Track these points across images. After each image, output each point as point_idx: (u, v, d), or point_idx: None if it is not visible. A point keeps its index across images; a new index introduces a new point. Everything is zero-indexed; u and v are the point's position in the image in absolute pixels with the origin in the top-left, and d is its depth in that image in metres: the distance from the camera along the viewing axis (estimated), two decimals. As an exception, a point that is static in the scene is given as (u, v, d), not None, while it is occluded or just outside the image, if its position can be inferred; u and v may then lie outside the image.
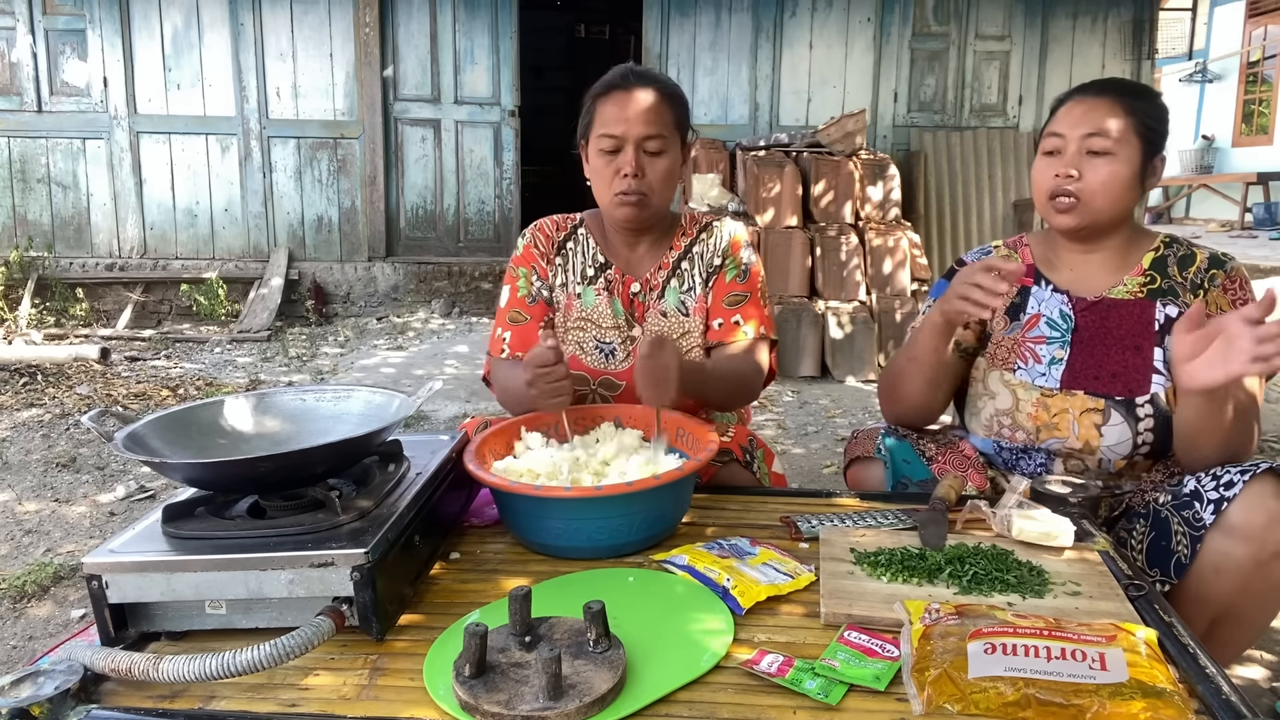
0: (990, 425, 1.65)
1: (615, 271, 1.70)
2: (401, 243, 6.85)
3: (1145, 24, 6.82)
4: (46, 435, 3.67)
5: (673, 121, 1.59)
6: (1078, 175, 1.50)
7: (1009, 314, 1.66)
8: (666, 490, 1.23)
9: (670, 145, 1.58)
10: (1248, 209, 10.84)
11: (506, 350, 1.69)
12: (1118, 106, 1.50)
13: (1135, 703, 0.84)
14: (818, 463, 3.47)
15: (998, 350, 1.65)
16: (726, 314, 1.68)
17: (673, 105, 1.59)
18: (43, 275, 6.32)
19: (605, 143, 1.56)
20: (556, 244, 1.73)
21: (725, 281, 1.69)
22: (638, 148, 1.55)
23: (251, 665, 0.88)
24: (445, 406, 4.08)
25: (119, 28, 6.34)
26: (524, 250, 1.73)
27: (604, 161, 1.57)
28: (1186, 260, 1.58)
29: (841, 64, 6.70)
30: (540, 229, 1.74)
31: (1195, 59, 11.93)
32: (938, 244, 6.46)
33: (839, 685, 0.92)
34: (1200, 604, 1.34)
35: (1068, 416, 1.55)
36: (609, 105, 1.56)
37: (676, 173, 1.62)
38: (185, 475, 1.12)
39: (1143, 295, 1.57)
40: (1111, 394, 1.54)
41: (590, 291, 1.70)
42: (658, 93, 1.57)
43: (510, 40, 6.64)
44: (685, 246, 1.71)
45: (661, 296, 1.70)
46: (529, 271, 1.71)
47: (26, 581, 2.37)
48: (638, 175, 1.55)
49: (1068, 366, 1.58)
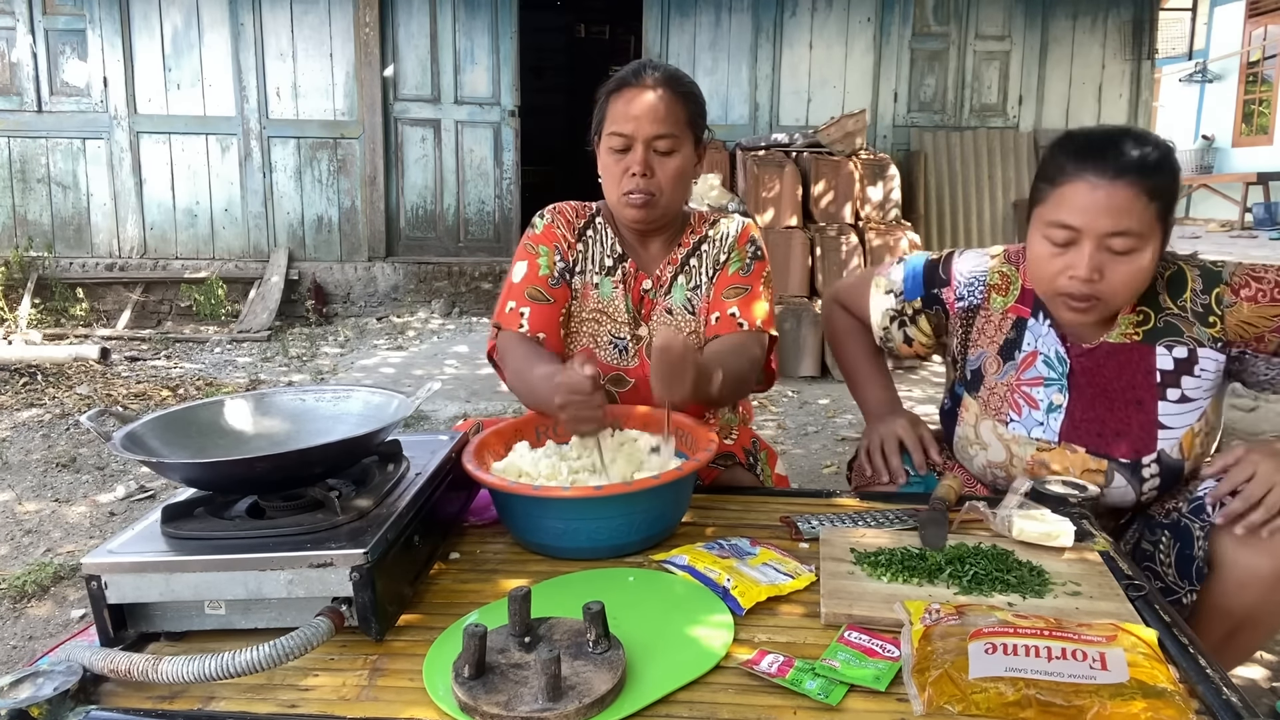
0: (983, 474, 1.57)
1: (631, 265, 1.65)
2: (401, 243, 6.84)
3: (1145, 24, 6.82)
4: (46, 435, 3.67)
5: (685, 120, 1.54)
6: (1099, 278, 1.32)
7: (1002, 354, 1.52)
8: (666, 490, 1.23)
9: (682, 145, 1.54)
10: (1248, 209, 10.84)
11: (526, 326, 1.57)
12: (1140, 194, 1.28)
13: (1136, 703, 0.84)
14: (817, 463, 3.47)
15: (990, 398, 1.52)
16: (723, 306, 1.61)
17: (686, 103, 1.55)
18: (43, 275, 6.32)
19: (615, 141, 1.53)
20: (578, 230, 1.66)
21: (728, 274, 1.64)
22: (647, 147, 1.51)
23: (251, 666, 0.88)
24: (445, 406, 4.08)
25: (119, 28, 6.34)
26: (544, 229, 1.64)
27: (613, 160, 1.54)
28: (1176, 283, 1.43)
29: (841, 64, 6.70)
30: (560, 212, 1.66)
31: (1195, 59, 11.93)
32: (938, 244, 6.45)
33: (839, 685, 0.91)
34: (1222, 614, 1.33)
35: (1067, 474, 1.46)
36: (620, 102, 1.53)
37: (689, 173, 1.58)
38: (184, 475, 1.12)
39: (1138, 338, 1.43)
40: (1115, 455, 1.44)
41: (608, 283, 1.64)
42: (671, 90, 1.53)
43: (510, 40, 6.63)
44: (694, 244, 1.67)
45: (669, 293, 1.65)
46: (551, 250, 1.62)
47: (26, 581, 2.37)
48: (646, 175, 1.51)
49: (1067, 416, 1.46)
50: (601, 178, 1.59)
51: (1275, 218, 10.36)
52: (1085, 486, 1.38)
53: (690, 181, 1.61)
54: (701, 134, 1.60)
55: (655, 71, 1.54)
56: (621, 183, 1.53)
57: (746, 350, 1.56)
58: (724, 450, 1.63)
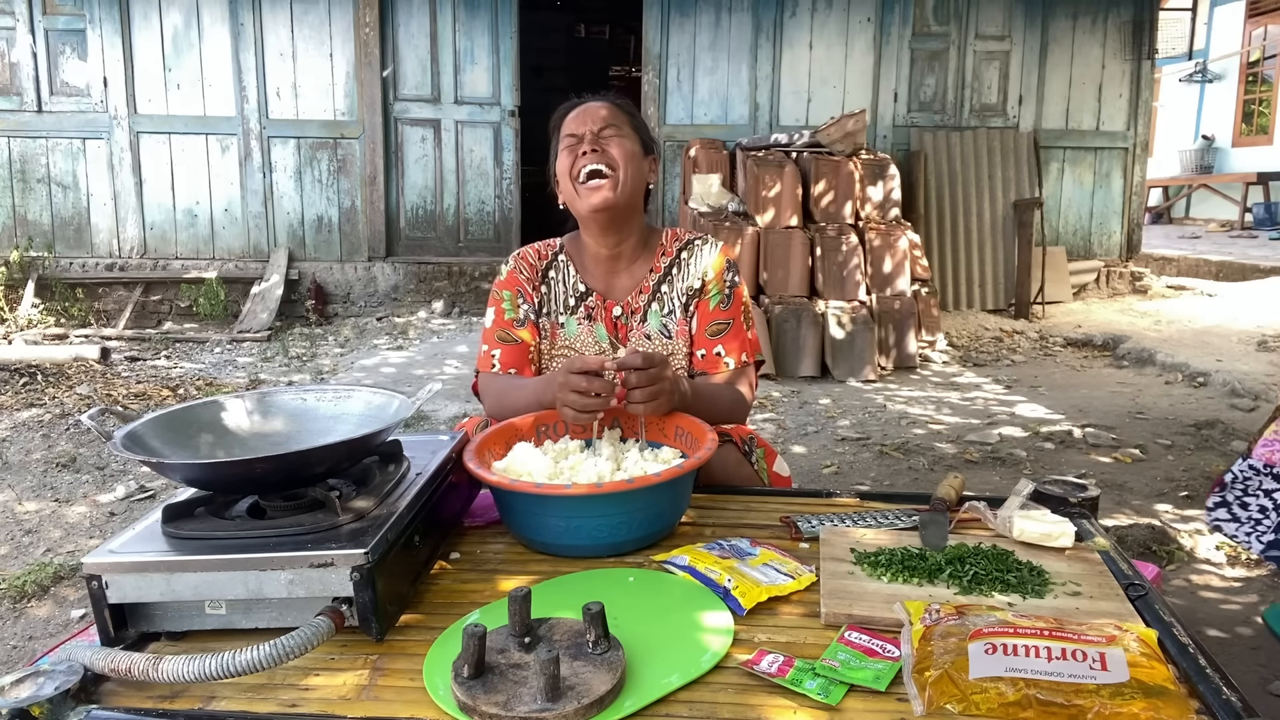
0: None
1: (596, 298, 1.72)
2: (401, 243, 6.85)
3: (1145, 24, 6.82)
4: (46, 435, 3.67)
5: (630, 125, 1.66)
6: None
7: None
8: (666, 488, 1.23)
9: (629, 137, 1.64)
10: (1248, 209, 10.85)
11: (497, 366, 1.70)
12: None
13: (1136, 703, 0.84)
14: (817, 463, 3.47)
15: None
16: (709, 344, 1.69)
17: (629, 112, 1.69)
18: (43, 275, 6.32)
19: (567, 141, 1.63)
20: (540, 271, 1.75)
21: (709, 309, 1.70)
22: (596, 135, 1.61)
23: (251, 665, 0.88)
24: (445, 406, 4.08)
25: (119, 28, 6.34)
26: (508, 275, 1.75)
27: (567, 155, 1.63)
28: None
29: (841, 64, 6.70)
30: (523, 257, 1.77)
31: (1195, 59, 11.92)
32: (938, 244, 6.46)
33: (839, 685, 0.91)
34: None
35: None
36: (568, 118, 1.66)
37: (642, 168, 1.66)
38: (184, 475, 1.12)
39: None
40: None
41: (572, 321, 1.73)
42: (612, 101, 1.68)
43: (510, 40, 6.64)
44: (665, 268, 1.73)
45: (644, 320, 1.72)
46: (514, 295, 1.73)
47: (26, 581, 2.37)
48: (598, 151, 1.59)
49: None
50: (560, 187, 1.67)
51: (1275, 218, 10.37)
52: (1085, 486, 1.38)
53: (645, 180, 1.69)
54: (650, 146, 1.70)
55: (596, 94, 1.70)
56: (575, 166, 1.61)
57: (734, 385, 1.68)
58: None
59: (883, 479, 3.30)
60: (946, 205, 6.49)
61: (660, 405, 1.40)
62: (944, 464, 3.43)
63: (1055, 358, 5.40)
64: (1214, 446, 3.58)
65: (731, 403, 1.67)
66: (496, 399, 1.67)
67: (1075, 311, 6.54)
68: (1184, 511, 2.96)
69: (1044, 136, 6.79)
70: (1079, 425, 3.88)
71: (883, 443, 3.69)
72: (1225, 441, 3.64)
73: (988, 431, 3.84)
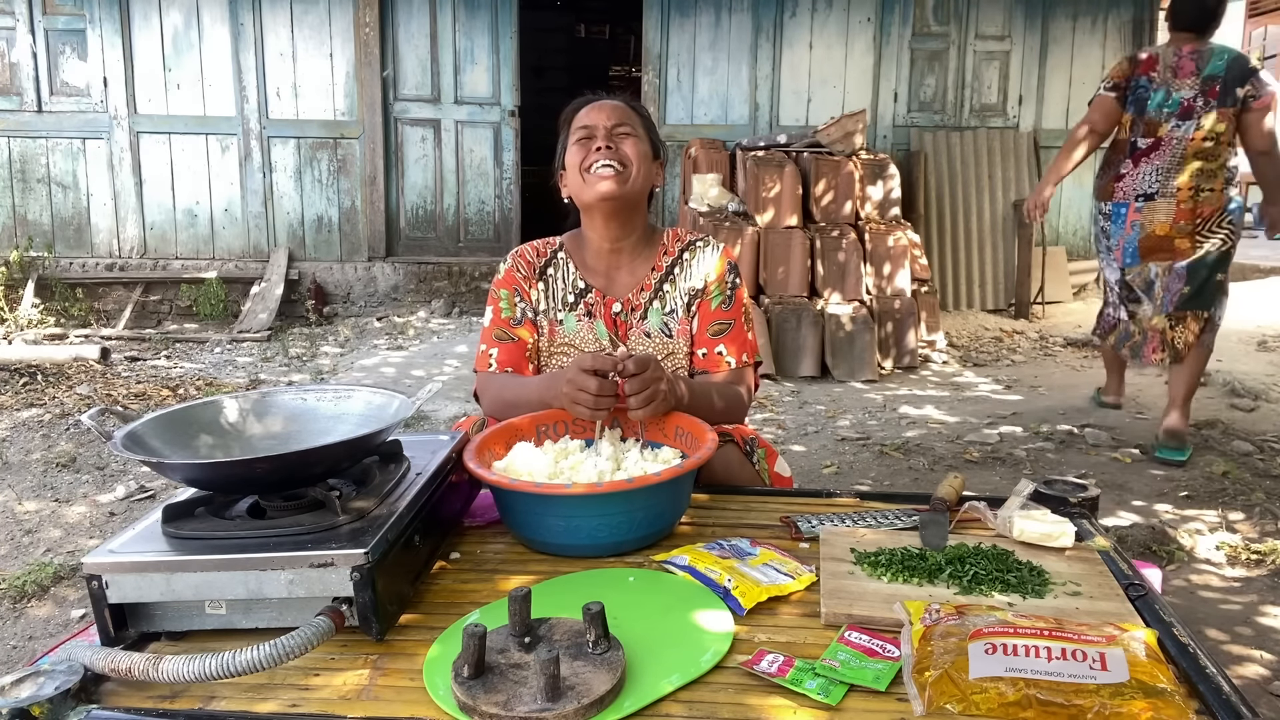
0: None
1: (595, 295, 1.72)
2: (401, 243, 6.85)
3: (1145, 24, 6.82)
4: (46, 435, 3.67)
5: (641, 125, 1.68)
6: None
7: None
8: (666, 487, 1.23)
9: (641, 138, 1.66)
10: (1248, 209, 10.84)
11: (495, 365, 1.71)
12: None
13: (1136, 703, 0.84)
14: (817, 463, 3.47)
15: None
16: (710, 344, 1.70)
17: (640, 113, 1.71)
18: (43, 275, 6.32)
19: (579, 134, 1.65)
20: (538, 269, 1.75)
21: (710, 309, 1.71)
22: (609, 132, 1.64)
23: (251, 665, 0.88)
24: (445, 406, 4.08)
25: (119, 28, 6.34)
26: (505, 274, 1.75)
27: (578, 149, 1.64)
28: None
29: (841, 64, 6.71)
30: (521, 255, 1.77)
31: (1195, 59, 11.90)
32: (938, 244, 6.46)
33: (839, 685, 0.91)
34: None
35: None
36: (580, 114, 1.68)
37: (650, 164, 1.68)
38: (184, 476, 1.12)
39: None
40: None
41: (571, 318, 1.73)
42: (625, 101, 1.71)
43: (510, 40, 6.64)
44: (667, 267, 1.73)
45: (644, 318, 1.72)
46: (511, 294, 1.73)
47: (26, 581, 2.38)
48: (611, 149, 1.62)
49: None
50: (566, 179, 1.69)
51: (1275, 218, 10.34)
52: (1085, 486, 1.38)
53: (652, 181, 1.71)
54: (659, 150, 1.73)
55: (609, 93, 1.72)
56: (588, 159, 1.62)
57: (734, 385, 1.70)
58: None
59: (883, 479, 3.30)
60: (946, 205, 6.49)
61: (657, 408, 1.40)
62: (944, 464, 3.43)
63: (1055, 358, 5.40)
64: (1214, 446, 3.58)
65: (730, 402, 1.68)
66: (495, 398, 1.67)
67: (1075, 311, 6.54)
68: (1184, 511, 2.96)
69: (1044, 136, 6.79)
70: (1079, 425, 3.88)
71: (882, 443, 3.69)
72: (1226, 441, 3.64)
73: (988, 431, 3.84)
